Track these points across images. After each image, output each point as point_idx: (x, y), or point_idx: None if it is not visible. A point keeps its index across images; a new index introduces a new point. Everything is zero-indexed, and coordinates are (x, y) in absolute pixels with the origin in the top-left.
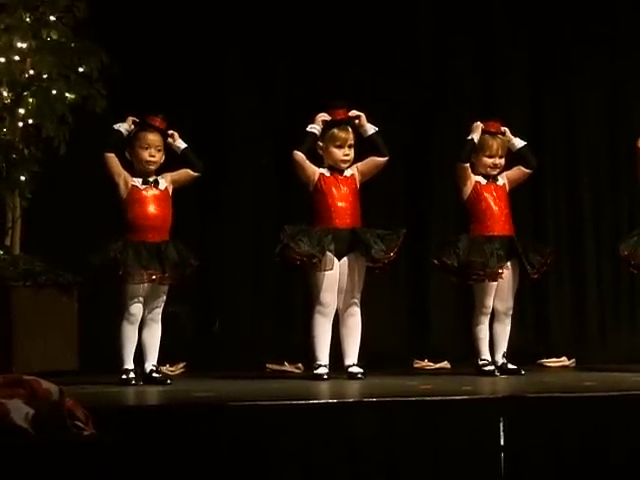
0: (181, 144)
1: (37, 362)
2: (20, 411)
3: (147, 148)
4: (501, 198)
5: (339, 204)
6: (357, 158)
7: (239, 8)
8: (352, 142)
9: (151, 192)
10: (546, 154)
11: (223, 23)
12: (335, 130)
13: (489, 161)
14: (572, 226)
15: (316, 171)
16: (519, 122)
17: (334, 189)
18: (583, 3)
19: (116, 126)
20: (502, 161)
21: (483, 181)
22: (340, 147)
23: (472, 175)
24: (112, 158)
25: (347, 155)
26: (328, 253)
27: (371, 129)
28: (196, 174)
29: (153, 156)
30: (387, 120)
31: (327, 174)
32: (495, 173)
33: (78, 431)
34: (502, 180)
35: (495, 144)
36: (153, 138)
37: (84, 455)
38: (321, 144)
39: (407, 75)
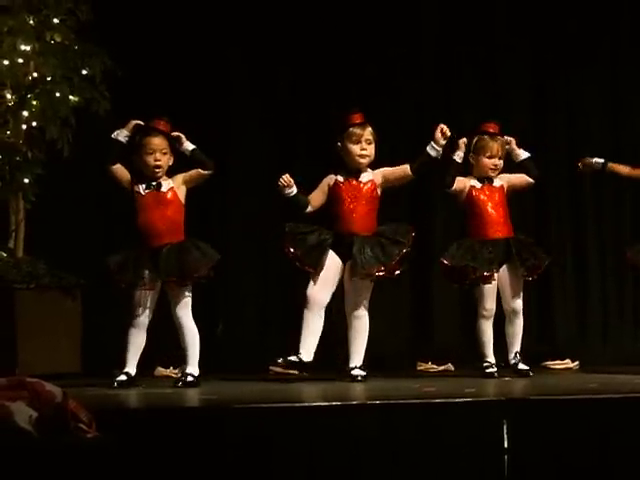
0: (189, 146)
1: (40, 364)
2: (23, 413)
3: (152, 153)
4: (497, 200)
5: (347, 209)
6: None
7: (242, 10)
8: (370, 138)
9: (153, 197)
10: (548, 154)
11: (226, 25)
12: (351, 128)
13: (489, 162)
14: (575, 228)
15: (332, 180)
16: (521, 125)
17: (344, 194)
18: (585, 9)
19: (114, 135)
20: (501, 162)
21: (478, 184)
22: (357, 142)
23: (466, 180)
24: (117, 169)
25: (364, 150)
26: (329, 255)
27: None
28: (207, 172)
29: (159, 160)
30: (389, 124)
31: (341, 179)
32: (494, 175)
33: (81, 433)
34: (500, 182)
35: (495, 145)
36: (157, 142)
37: (87, 457)
38: (339, 144)
39: (410, 79)
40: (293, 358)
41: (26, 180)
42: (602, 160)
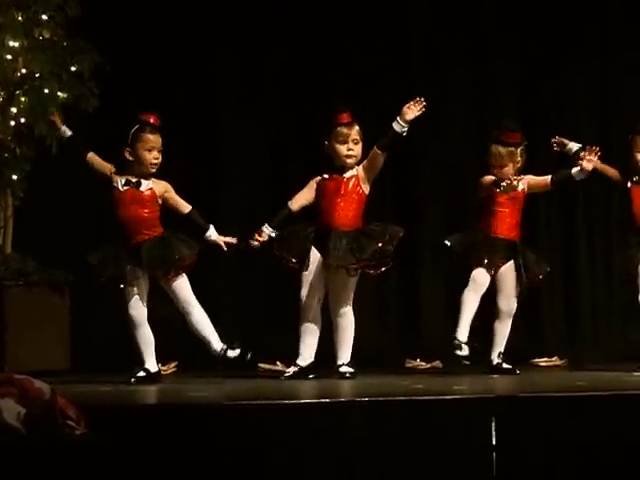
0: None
1: (29, 361)
2: (12, 410)
3: (151, 150)
4: (513, 203)
5: (329, 204)
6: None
7: (231, 6)
8: (357, 138)
9: (131, 194)
10: (537, 156)
11: (215, 21)
12: (339, 127)
13: (492, 170)
14: (565, 226)
15: (318, 178)
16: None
17: (327, 190)
18: (574, 6)
19: (63, 135)
20: (507, 169)
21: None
22: (344, 142)
23: (490, 178)
24: (92, 158)
25: (351, 150)
26: (312, 253)
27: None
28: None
29: (157, 158)
30: (378, 119)
31: (326, 176)
32: (503, 179)
33: (70, 430)
34: (521, 185)
35: (498, 152)
36: (155, 139)
37: (76, 454)
38: (327, 143)
39: (398, 75)
40: (293, 369)
41: (14, 177)
42: (578, 146)
